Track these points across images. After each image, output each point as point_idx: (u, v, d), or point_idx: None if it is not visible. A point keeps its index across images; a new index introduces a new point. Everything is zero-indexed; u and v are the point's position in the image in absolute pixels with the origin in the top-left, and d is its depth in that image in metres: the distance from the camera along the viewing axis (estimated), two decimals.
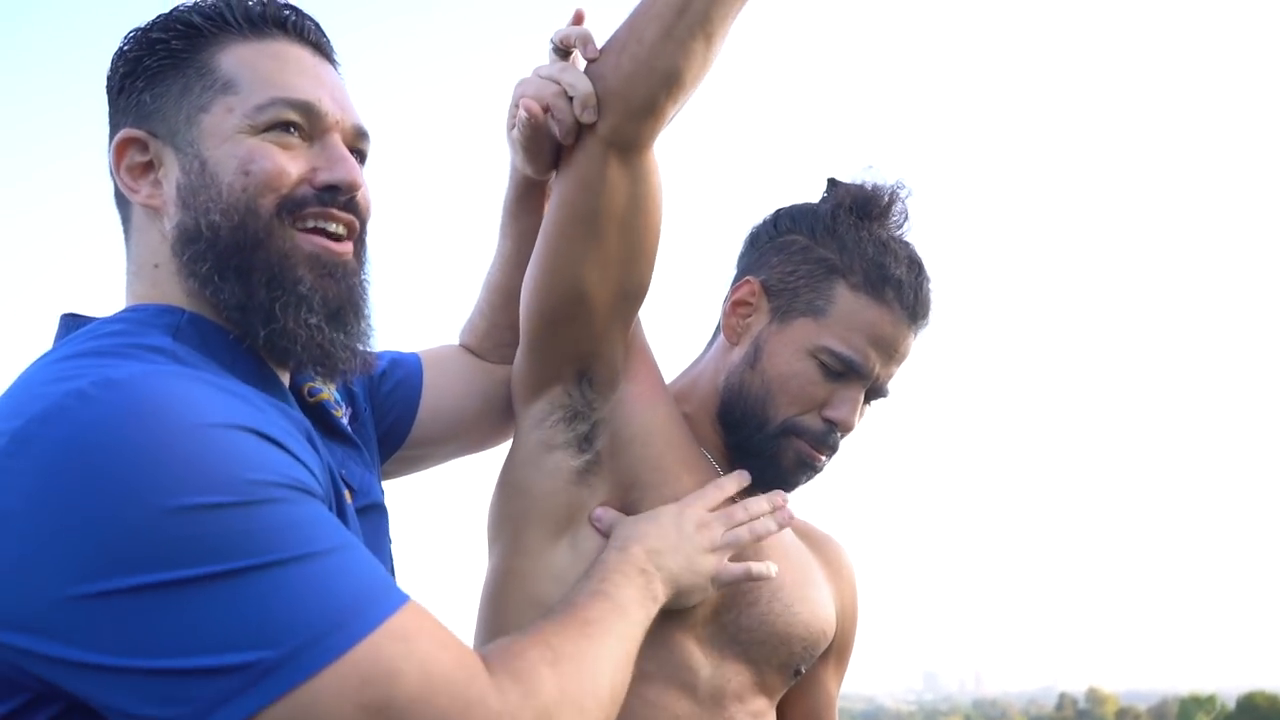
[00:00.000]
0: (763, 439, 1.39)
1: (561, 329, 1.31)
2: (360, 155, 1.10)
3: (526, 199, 1.41)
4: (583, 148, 1.24)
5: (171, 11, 1.07)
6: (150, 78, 1.05)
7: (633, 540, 1.26)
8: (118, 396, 0.84)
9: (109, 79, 1.08)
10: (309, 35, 1.09)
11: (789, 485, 1.43)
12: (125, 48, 1.07)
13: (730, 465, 1.43)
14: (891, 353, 1.39)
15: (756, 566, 1.33)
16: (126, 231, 1.08)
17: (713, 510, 1.33)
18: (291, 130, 1.03)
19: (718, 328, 1.50)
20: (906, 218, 1.43)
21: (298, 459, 0.91)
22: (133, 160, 1.04)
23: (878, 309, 1.37)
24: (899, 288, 1.37)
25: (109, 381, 0.85)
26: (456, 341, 1.55)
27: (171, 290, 1.03)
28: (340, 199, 1.05)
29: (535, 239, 1.33)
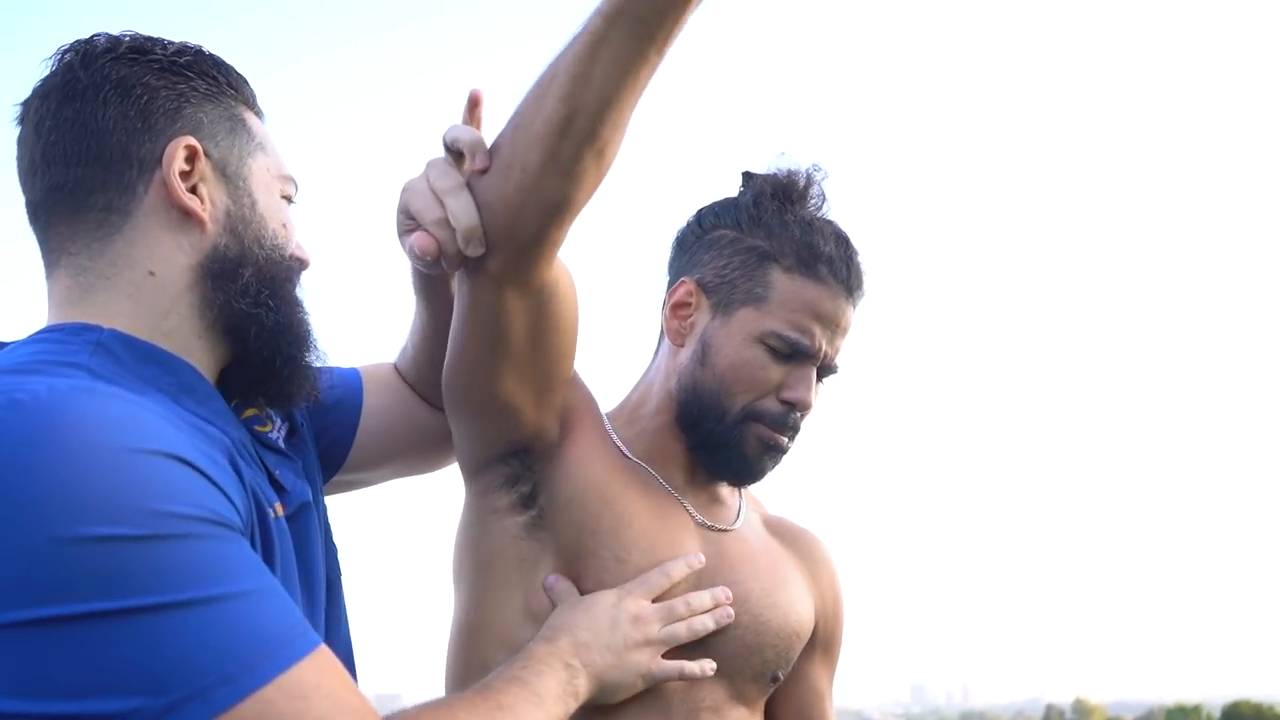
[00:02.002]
0: (724, 430, 1.39)
1: (489, 426, 1.33)
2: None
3: (431, 281, 1.36)
4: (476, 280, 1.21)
5: (199, 49, 1.10)
6: (201, 101, 1.07)
7: (561, 632, 1.24)
8: (22, 418, 0.82)
9: (144, 63, 1.05)
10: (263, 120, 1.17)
11: (757, 473, 1.43)
12: (169, 56, 1.06)
13: (696, 471, 1.45)
14: (834, 327, 1.40)
15: (689, 667, 1.32)
16: (108, 229, 1.02)
17: (655, 600, 1.31)
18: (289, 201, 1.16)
19: (660, 335, 1.51)
20: (825, 199, 1.45)
21: (217, 486, 0.88)
22: (180, 166, 1.03)
23: (815, 287, 1.39)
24: (831, 263, 1.39)
25: (13, 402, 0.83)
26: (394, 359, 1.49)
27: (156, 300, 1.02)
28: (304, 269, 1.16)
29: (447, 315, 1.30)
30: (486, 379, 1.27)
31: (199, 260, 1.04)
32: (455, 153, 1.18)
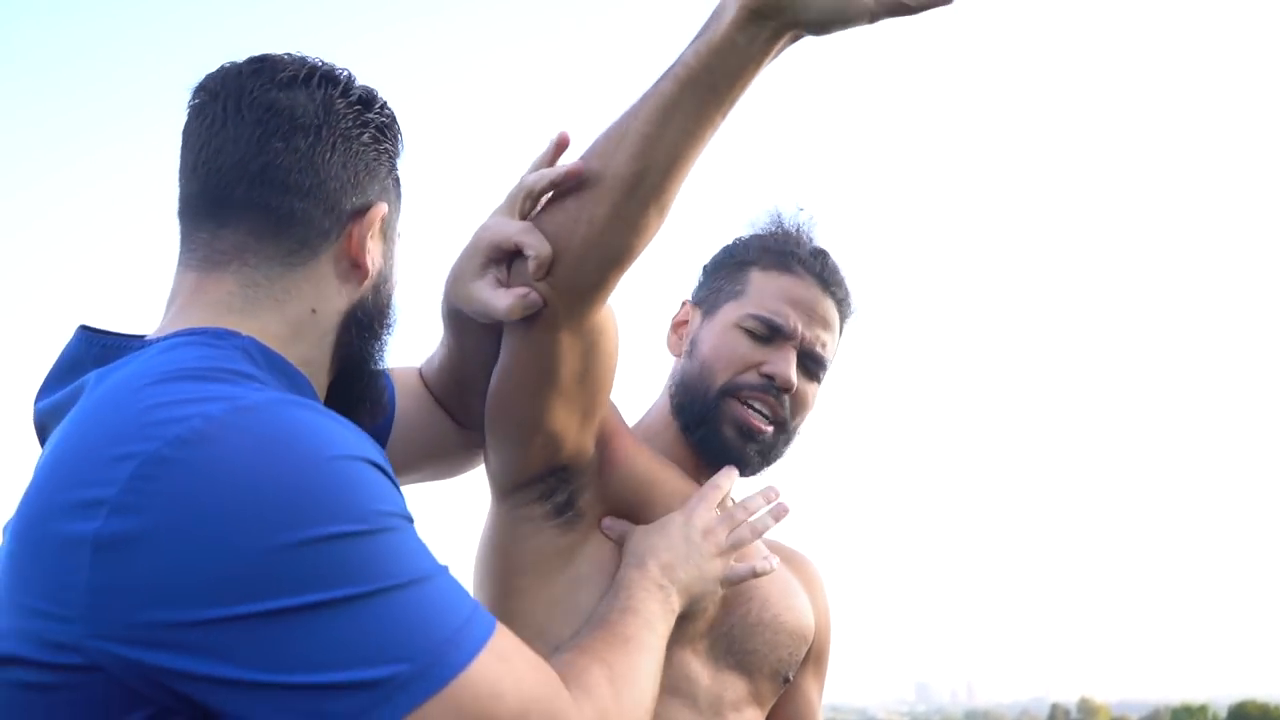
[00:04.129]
0: (704, 407, 1.48)
1: (533, 452, 1.36)
2: None
3: (464, 323, 1.36)
4: (533, 322, 1.25)
5: (381, 99, 1.17)
6: (392, 167, 1.18)
7: (648, 556, 1.35)
8: (252, 424, 0.90)
9: (364, 119, 1.14)
10: None
11: (739, 457, 1.50)
12: (381, 116, 1.15)
13: (704, 473, 1.51)
14: (810, 313, 1.50)
15: (760, 564, 1.44)
16: (295, 260, 1.09)
17: (713, 511, 1.42)
18: None
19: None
20: (821, 257, 1.55)
21: (397, 485, 0.98)
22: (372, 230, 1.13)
23: (788, 277, 1.51)
24: (804, 261, 1.52)
25: (239, 409, 0.90)
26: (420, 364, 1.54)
27: (309, 335, 1.10)
28: None
29: (477, 352, 1.36)
30: (536, 410, 1.32)
31: (348, 307, 1.13)
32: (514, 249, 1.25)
